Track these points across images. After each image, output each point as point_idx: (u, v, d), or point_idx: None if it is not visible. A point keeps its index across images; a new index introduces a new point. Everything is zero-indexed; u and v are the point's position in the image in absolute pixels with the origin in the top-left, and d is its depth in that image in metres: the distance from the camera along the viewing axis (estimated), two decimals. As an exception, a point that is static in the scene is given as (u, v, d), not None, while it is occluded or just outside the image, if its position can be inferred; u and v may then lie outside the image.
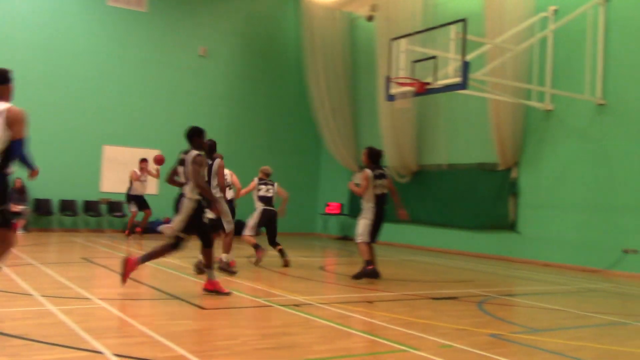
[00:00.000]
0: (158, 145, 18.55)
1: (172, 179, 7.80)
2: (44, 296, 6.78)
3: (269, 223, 11.22)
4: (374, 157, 9.65)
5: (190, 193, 7.39)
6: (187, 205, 7.38)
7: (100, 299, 6.83)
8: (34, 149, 17.16)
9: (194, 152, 7.48)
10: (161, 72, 18.83)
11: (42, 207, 16.89)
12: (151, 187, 17.06)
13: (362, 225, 9.49)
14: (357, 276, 9.40)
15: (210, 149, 9.16)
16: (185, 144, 7.70)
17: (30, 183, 16.57)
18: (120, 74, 18.21)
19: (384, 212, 9.54)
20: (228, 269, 9.37)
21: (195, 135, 7.68)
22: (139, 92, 18.46)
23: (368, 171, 9.46)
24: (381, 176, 9.50)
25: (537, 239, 14.11)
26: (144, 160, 15.64)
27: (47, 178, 16.87)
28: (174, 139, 18.50)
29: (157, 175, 15.29)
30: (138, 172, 15.39)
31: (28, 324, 5.54)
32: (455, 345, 5.42)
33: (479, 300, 8.04)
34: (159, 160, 14.29)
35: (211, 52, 19.67)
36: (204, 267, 7.71)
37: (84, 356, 4.54)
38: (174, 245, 7.52)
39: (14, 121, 5.35)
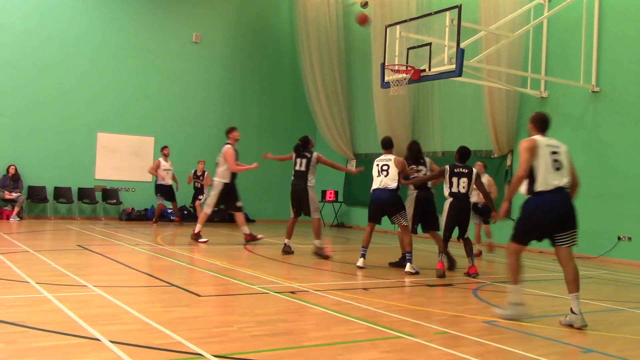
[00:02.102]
0: (152, 132, 18.51)
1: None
2: (39, 283, 6.78)
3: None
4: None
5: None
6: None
7: (96, 286, 6.82)
8: (29, 136, 17.19)
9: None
10: (155, 59, 18.72)
11: (36, 195, 16.83)
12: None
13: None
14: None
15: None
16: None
17: (25, 170, 16.52)
18: (113, 61, 18.08)
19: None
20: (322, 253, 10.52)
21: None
22: (132, 79, 18.36)
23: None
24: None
25: (532, 226, 14.12)
26: (165, 148, 16.66)
27: (41, 165, 16.89)
28: (168, 125, 18.56)
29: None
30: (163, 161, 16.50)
31: (24, 310, 5.54)
32: (450, 331, 5.45)
33: (474, 287, 8.08)
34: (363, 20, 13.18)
35: (205, 38, 19.57)
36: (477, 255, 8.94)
37: (80, 343, 4.54)
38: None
39: (399, 164, 9.22)
